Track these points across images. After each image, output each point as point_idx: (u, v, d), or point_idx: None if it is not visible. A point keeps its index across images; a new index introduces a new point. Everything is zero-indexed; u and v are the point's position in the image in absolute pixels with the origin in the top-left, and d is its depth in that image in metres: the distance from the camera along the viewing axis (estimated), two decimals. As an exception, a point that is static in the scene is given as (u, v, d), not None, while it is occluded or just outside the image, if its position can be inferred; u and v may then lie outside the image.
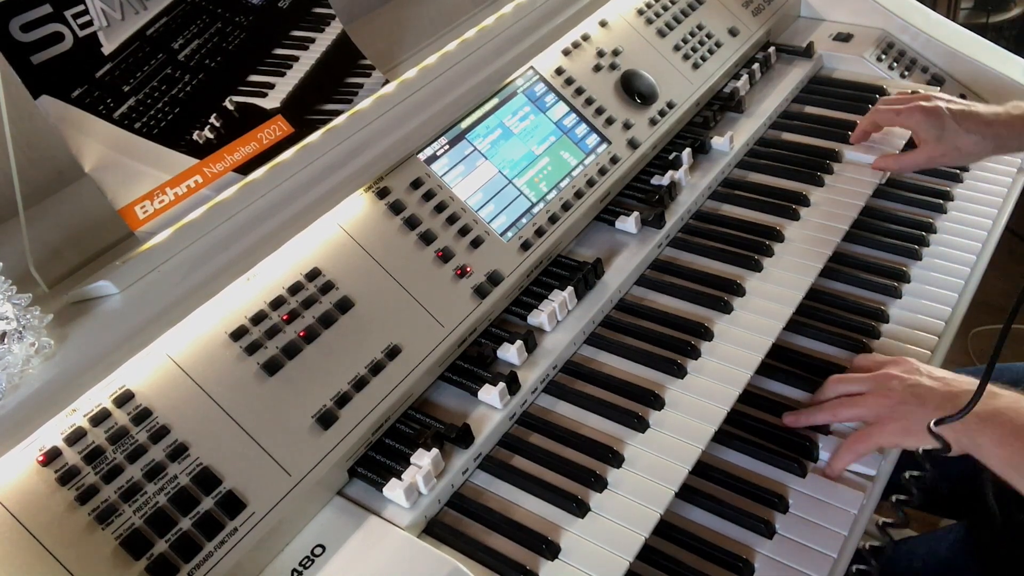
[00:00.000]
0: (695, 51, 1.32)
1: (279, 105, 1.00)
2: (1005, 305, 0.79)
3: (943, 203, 1.23)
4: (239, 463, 0.77)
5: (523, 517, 0.83)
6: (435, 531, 0.83)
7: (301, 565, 0.78)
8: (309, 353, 0.84)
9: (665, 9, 1.33)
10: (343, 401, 0.84)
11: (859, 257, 1.16)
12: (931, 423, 0.80)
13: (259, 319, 0.84)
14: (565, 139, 1.13)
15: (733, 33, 1.39)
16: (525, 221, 1.04)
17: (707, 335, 1.00)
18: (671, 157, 1.20)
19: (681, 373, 0.95)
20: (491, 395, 0.89)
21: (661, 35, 1.30)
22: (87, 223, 0.91)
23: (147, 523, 0.71)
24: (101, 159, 0.87)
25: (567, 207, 1.08)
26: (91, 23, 0.88)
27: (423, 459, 0.82)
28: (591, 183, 1.11)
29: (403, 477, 0.81)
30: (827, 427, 0.94)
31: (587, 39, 1.22)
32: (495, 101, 1.10)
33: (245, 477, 0.76)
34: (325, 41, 1.06)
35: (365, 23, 1.23)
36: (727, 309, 1.03)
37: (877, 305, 1.08)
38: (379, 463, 0.85)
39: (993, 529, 1.00)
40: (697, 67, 1.31)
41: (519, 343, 0.94)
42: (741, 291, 1.05)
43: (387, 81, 1.08)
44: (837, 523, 0.85)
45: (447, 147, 1.04)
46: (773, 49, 1.45)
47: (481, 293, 0.96)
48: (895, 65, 1.44)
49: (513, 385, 0.90)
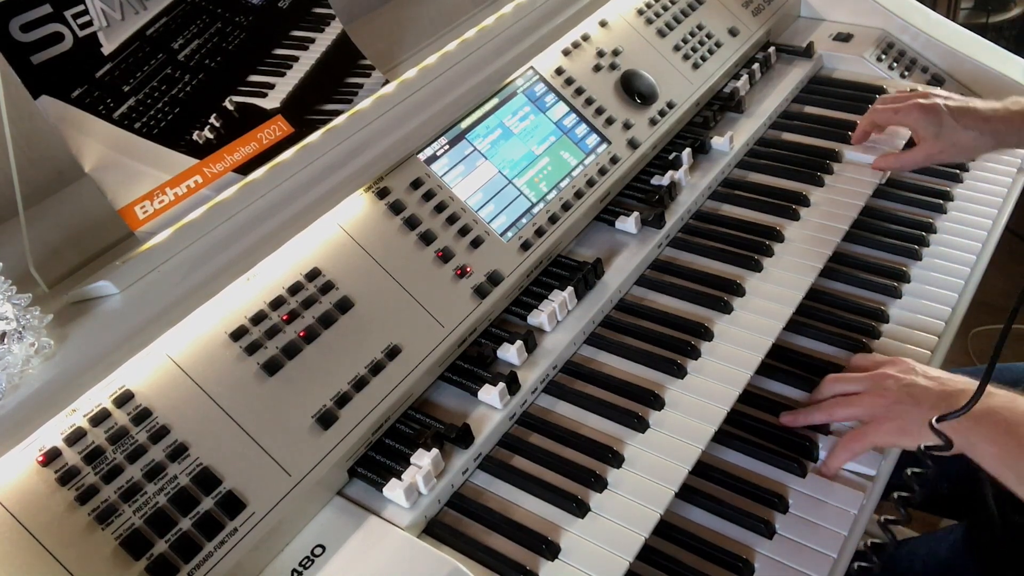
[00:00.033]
0: (695, 51, 1.32)
1: (279, 105, 1.00)
2: (1005, 305, 0.79)
3: (943, 203, 1.23)
4: (239, 463, 0.77)
5: (523, 517, 0.83)
6: (435, 531, 0.83)
7: (301, 565, 0.78)
8: (309, 353, 0.84)
9: (665, 9, 1.33)
10: (343, 401, 0.84)
11: (859, 257, 1.16)
12: (932, 420, 0.80)
13: (259, 319, 0.84)
14: (565, 139, 1.13)
15: (733, 33, 1.39)
16: (525, 221, 1.04)
17: (707, 335, 1.00)
18: (671, 157, 1.20)
19: (681, 373, 0.95)
20: (491, 395, 0.89)
21: (661, 35, 1.30)
22: (87, 223, 0.91)
23: (147, 523, 0.71)
24: (101, 159, 0.87)
25: (567, 207, 1.08)
26: (91, 23, 0.88)
27: (423, 459, 0.82)
28: (591, 183, 1.11)
29: (403, 477, 0.81)
30: (827, 427, 0.94)
31: (587, 39, 1.22)
32: (495, 101, 1.10)
33: (245, 477, 0.76)
34: (325, 41, 1.06)
35: (365, 23, 1.23)
36: (727, 309, 1.03)
37: (877, 305, 1.08)
38: (379, 463, 0.85)
39: (992, 530, 1.00)
40: (697, 67, 1.31)
41: (519, 343, 0.94)
42: (741, 291, 1.05)
43: (387, 81, 1.08)
44: (837, 523, 0.85)
45: (447, 147, 1.04)
46: (773, 49, 1.45)
47: (481, 293, 0.96)
48: (895, 65, 1.44)
49: (513, 385, 0.90)
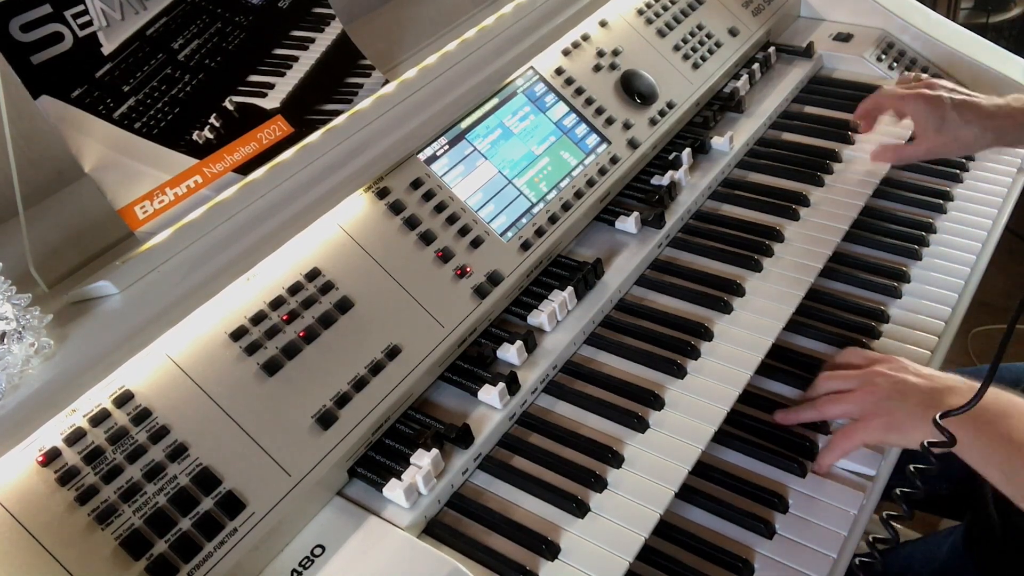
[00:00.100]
0: (695, 51, 1.32)
1: (279, 105, 1.00)
2: (1005, 305, 0.79)
3: (943, 203, 1.23)
4: (239, 463, 0.77)
5: (523, 517, 0.83)
6: (435, 531, 0.83)
7: (301, 565, 0.78)
8: (309, 353, 0.84)
9: (665, 9, 1.33)
10: (343, 401, 0.84)
11: (859, 257, 1.16)
12: (936, 416, 0.80)
13: (259, 319, 0.84)
14: (565, 139, 1.13)
15: (733, 33, 1.38)
16: (525, 221, 1.04)
17: (707, 335, 1.00)
18: (671, 157, 1.20)
19: (681, 373, 0.95)
20: (491, 395, 0.89)
21: (661, 35, 1.30)
22: (87, 223, 0.91)
23: (147, 523, 0.71)
24: (101, 159, 0.87)
25: (567, 207, 1.08)
26: (91, 23, 0.88)
27: (423, 459, 0.82)
28: (591, 183, 1.11)
29: (403, 477, 0.81)
30: (827, 427, 0.94)
31: (587, 39, 1.22)
32: (495, 101, 1.10)
33: (245, 477, 0.76)
34: (325, 41, 1.06)
35: (365, 23, 1.23)
36: (727, 309, 1.03)
37: (877, 305, 1.08)
38: (379, 463, 0.85)
39: (992, 530, 1.00)
40: (697, 67, 1.30)
41: (519, 343, 0.94)
42: (741, 291, 1.05)
43: (387, 81, 1.08)
44: (837, 523, 0.85)
45: (447, 147, 1.04)
46: (773, 49, 1.45)
47: (481, 293, 0.96)
48: (895, 65, 1.44)
49: (513, 385, 0.90)
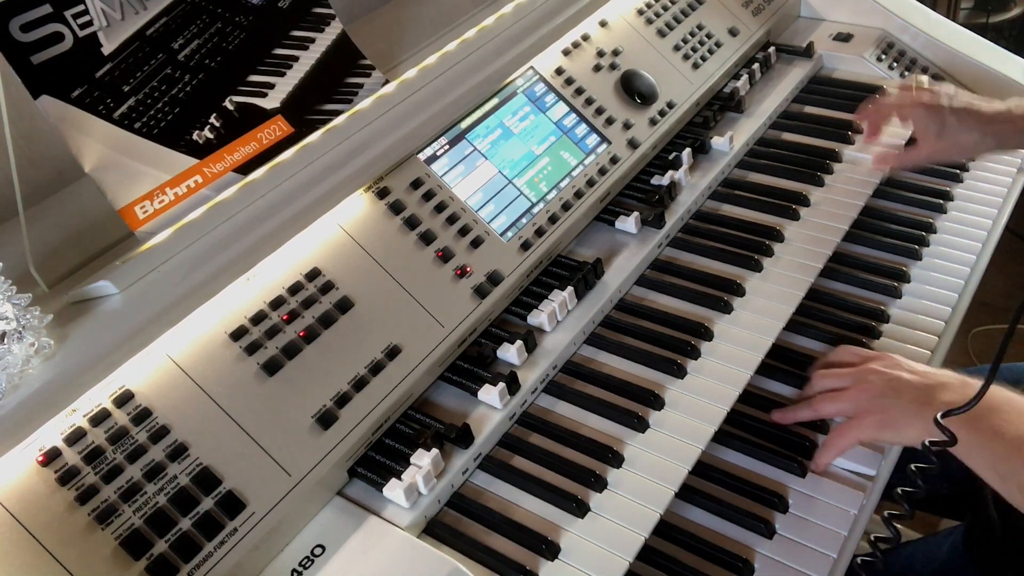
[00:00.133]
0: (695, 51, 1.32)
1: (279, 105, 1.00)
2: (1005, 305, 0.79)
3: (943, 203, 1.23)
4: (239, 463, 0.77)
5: (523, 517, 0.83)
6: (435, 531, 0.83)
7: (301, 565, 0.78)
8: (309, 353, 0.84)
9: (665, 9, 1.33)
10: (343, 401, 0.84)
11: (859, 257, 1.16)
12: (938, 416, 0.80)
13: (259, 319, 0.84)
14: (565, 139, 1.13)
15: (733, 33, 1.38)
16: (525, 221, 1.04)
17: (707, 335, 1.00)
18: (671, 157, 1.20)
19: (681, 373, 0.95)
20: (491, 395, 0.89)
21: (661, 35, 1.30)
22: (87, 223, 0.91)
23: (147, 523, 0.71)
24: (101, 159, 0.87)
25: (567, 207, 1.08)
26: (91, 23, 0.88)
27: (423, 459, 0.82)
28: (591, 183, 1.11)
29: (403, 477, 0.81)
30: (826, 426, 0.94)
31: (587, 39, 1.22)
32: (495, 101, 1.10)
33: (245, 477, 0.76)
34: (325, 41, 1.06)
35: (365, 23, 1.23)
36: (727, 309, 1.03)
37: (877, 305, 1.08)
38: (379, 463, 0.85)
39: (992, 530, 1.00)
40: (697, 67, 1.30)
41: (519, 343, 0.94)
42: (741, 291, 1.05)
43: (387, 81, 1.08)
44: (837, 523, 0.85)
45: (447, 147, 1.04)
46: (773, 49, 1.45)
47: (481, 293, 0.96)
48: (895, 65, 1.44)
49: (513, 385, 0.90)
